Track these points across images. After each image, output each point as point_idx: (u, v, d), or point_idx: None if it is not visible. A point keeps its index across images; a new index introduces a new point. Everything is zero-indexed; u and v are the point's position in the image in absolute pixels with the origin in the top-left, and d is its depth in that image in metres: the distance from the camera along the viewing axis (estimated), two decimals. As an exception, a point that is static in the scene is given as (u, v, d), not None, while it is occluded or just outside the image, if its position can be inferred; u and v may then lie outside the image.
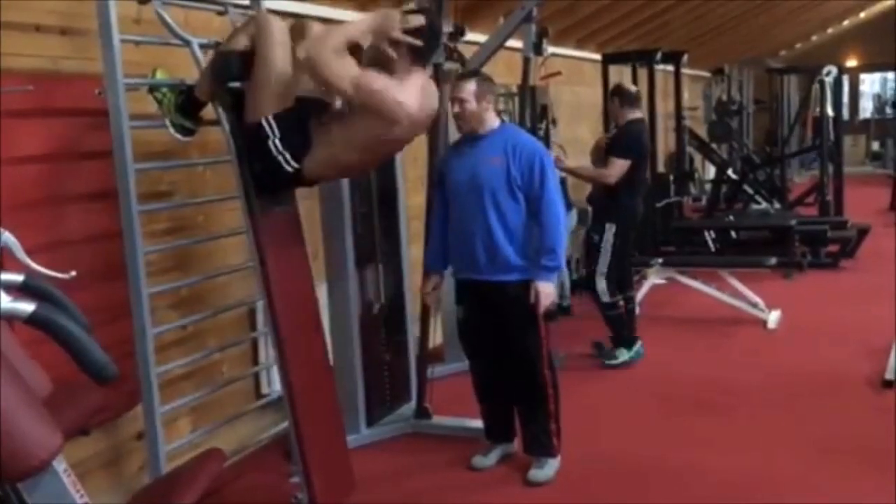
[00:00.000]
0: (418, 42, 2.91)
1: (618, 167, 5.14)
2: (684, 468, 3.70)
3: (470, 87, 3.56)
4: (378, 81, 2.86)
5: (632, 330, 5.37)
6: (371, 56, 2.98)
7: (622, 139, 5.24)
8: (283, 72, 2.92)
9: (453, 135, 4.91)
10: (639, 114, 5.41)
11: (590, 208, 6.16)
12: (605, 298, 5.17)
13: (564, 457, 3.72)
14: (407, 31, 2.90)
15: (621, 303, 5.27)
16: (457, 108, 3.60)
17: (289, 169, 2.95)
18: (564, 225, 3.61)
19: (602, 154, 5.40)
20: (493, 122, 3.66)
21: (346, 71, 2.83)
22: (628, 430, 4.11)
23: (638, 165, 5.24)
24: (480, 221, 3.55)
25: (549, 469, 3.66)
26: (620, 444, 3.89)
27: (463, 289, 3.73)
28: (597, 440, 4.03)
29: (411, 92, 2.91)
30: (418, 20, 2.95)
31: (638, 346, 5.30)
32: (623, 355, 5.19)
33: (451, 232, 3.70)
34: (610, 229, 5.16)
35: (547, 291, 3.55)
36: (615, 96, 5.40)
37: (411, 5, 3.10)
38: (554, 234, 3.53)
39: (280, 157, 2.92)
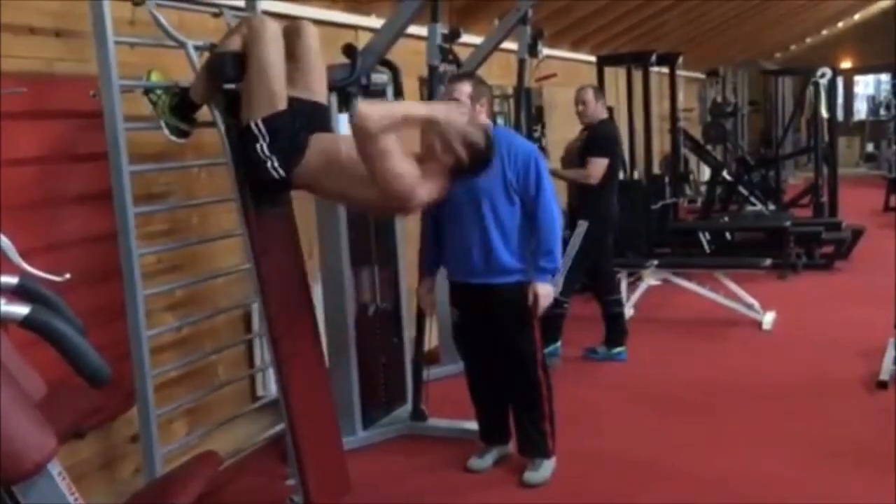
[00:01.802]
0: (467, 159, 2.78)
1: (599, 167, 5.15)
2: (679, 469, 3.71)
3: (465, 88, 3.54)
4: (404, 167, 2.68)
5: (617, 332, 5.39)
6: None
7: (599, 139, 5.26)
8: (276, 73, 2.90)
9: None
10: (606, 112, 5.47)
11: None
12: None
13: (559, 458, 3.72)
14: (465, 143, 2.76)
15: (566, 305, 5.24)
16: None
17: (275, 175, 2.87)
18: (560, 226, 3.62)
19: (574, 157, 5.42)
20: (486, 124, 3.65)
21: (391, 146, 2.64)
22: (622, 431, 4.12)
23: (612, 164, 5.27)
24: (476, 224, 3.55)
25: (544, 470, 3.66)
26: (614, 445, 3.89)
27: (457, 291, 3.73)
28: (591, 441, 4.03)
29: (430, 190, 2.79)
30: (478, 136, 2.80)
31: (619, 350, 5.35)
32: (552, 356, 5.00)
33: (446, 234, 3.70)
34: (581, 225, 5.15)
35: (545, 292, 3.56)
36: (586, 94, 5.36)
37: (472, 114, 2.98)
38: (550, 236, 3.54)
39: (267, 162, 2.86)
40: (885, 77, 18.75)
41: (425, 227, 3.95)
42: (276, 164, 2.86)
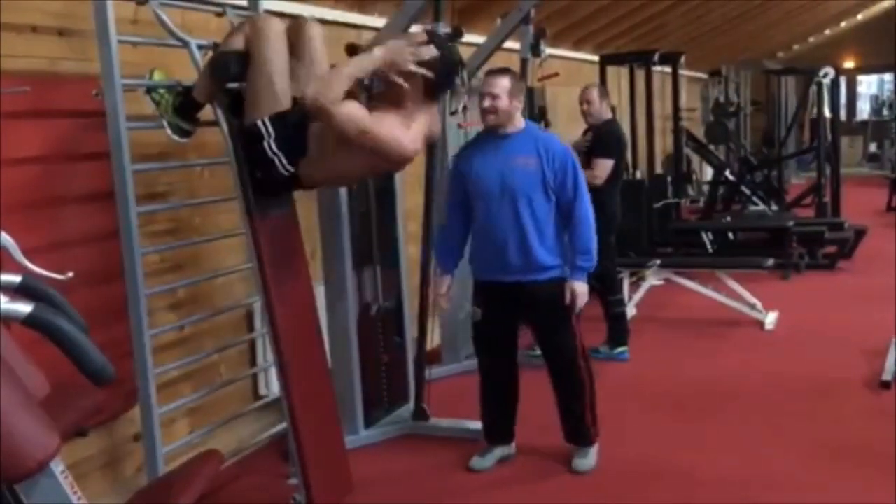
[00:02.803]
0: (431, 75, 2.86)
1: (605, 167, 5.16)
2: (682, 469, 3.70)
3: (504, 82, 3.53)
4: (384, 126, 2.80)
5: (620, 332, 5.38)
6: (381, 91, 2.95)
7: (605, 139, 5.26)
8: (279, 72, 2.90)
9: (454, 134, 4.91)
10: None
11: None
12: None
13: (560, 459, 3.73)
14: (420, 64, 2.85)
15: None
16: (488, 103, 3.54)
17: (284, 172, 2.92)
18: (594, 225, 3.63)
19: (579, 158, 5.42)
20: (520, 121, 3.64)
21: (351, 114, 2.77)
22: (623, 431, 4.11)
23: (617, 165, 5.28)
24: (513, 223, 3.54)
25: (591, 458, 3.73)
26: (615, 445, 3.88)
27: (484, 290, 3.72)
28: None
29: (417, 133, 2.88)
30: (431, 52, 2.88)
31: (621, 350, 5.35)
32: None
33: (477, 233, 3.68)
34: None
35: (582, 291, 3.60)
36: (591, 93, 5.36)
37: (421, 35, 3.02)
38: (587, 235, 3.58)
39: (275, 159, 2.90)
40: (888, 77, 18.76)
41: (434, 228, 3.95)
42: (283, 161, 2.90)
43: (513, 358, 3.79)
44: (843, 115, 14.61)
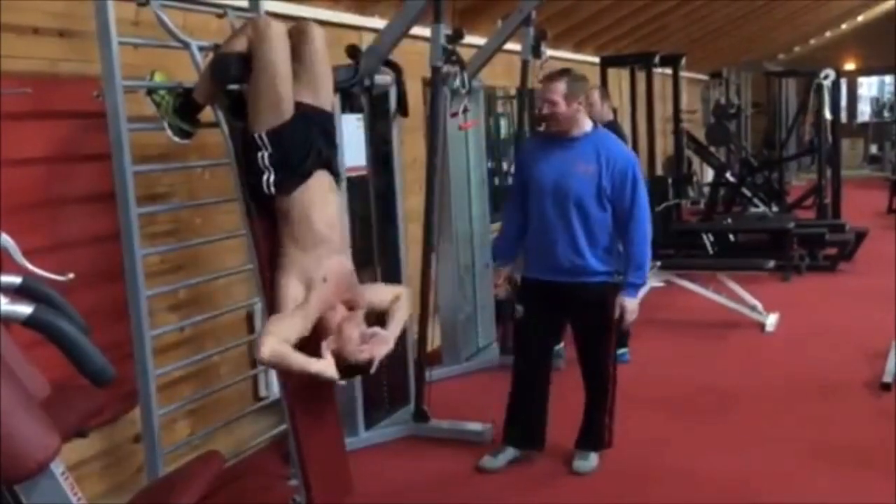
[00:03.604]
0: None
1: None
2: (683, 471, 3.70)
3: (560, 86, 3.44)
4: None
5: (620, 333, 5.38)
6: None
7: None
8: (281, 75, 2.90)
9: (454, 135, 4.92)
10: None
11: None
12: None
13: (561, 459, 3.73)
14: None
15: None
16: (546, 111, 3.49)
17: (265, 190, 2.85)
18: (650, 241, 3.57)
19: None
20: (585, 124, 3.55)
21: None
22: (624, 432, 4.10)
23: None
24: (564, 227, 3.51)
25: (592, 460, 3.74)
26: (618, 446, 3.88)
27: (531, 288, 3.71)
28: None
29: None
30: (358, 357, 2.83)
31: (621, 351, 5.33)
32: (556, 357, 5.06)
33: (531, 232, 3.66)
34: None
35: (632, 307, 3.57)
36: (592, 95, 5.34)
37: None
38: (642, 250, 3.52)
39: (262, 174, 2.83)
40: (888, 79, 18.76)
41: (434, 230, 3.95)
42: (270, 180, 2.84)
43: (548, 360, 3.77)
44: (843, 116, 14.59)
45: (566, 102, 3.44)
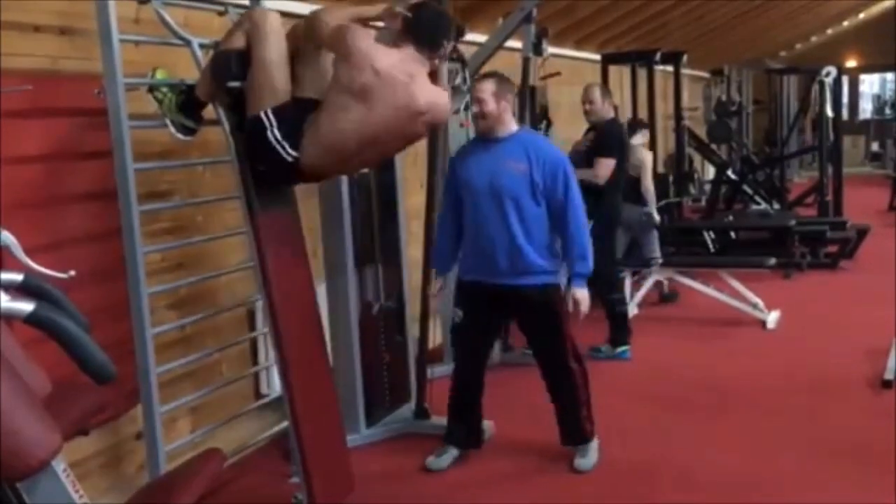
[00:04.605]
0: (408, 14, 2.90)
1: (607, 167, 5.17)
2: (683, 468, 3.70)
3: (488, 86, 3.56)
4: (379, 51, 2.84)
5: (621, 331, 5.39)
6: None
7: (608, 139, 5.26)
8: (277, 66, 2.89)
9: (456, 133, 4.91)
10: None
11: None
12: None
13: (561, 457, 3.73)
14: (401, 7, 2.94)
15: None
16: (476, 108, 3.61)
17: (288, 159, 2.88)
18: (588, 230, 3.65)
19: (581, 157, 5.41)
20: (511, 125, 3.65)
21: (336, 19, 2.88)
22: (624, 430, 4.11)
23: (619, 164, 5.27)
24: (501, 227, 3.55)
25: (591, 456, 3.74)
26: (616, 444, 3.89)
27: (468, 291, 3.72)
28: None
29: (424, 87, 2.91)
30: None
31: (622, 349, 5.36)
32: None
33: (468, 235, 3.69)
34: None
35: (583, 297, 3.62)
36: (594, 93, 5.35)
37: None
38: (581, 241, 3.59)
39: (279, 147, 2.86)
40: (890, 76, 18.76)
41: (435, 228, 3.95)
42: (287, 148, 2.87)
43: (483, 363, 3.83)
44: (845, 114, 14.57)
45: (495, 100, 3.54)
